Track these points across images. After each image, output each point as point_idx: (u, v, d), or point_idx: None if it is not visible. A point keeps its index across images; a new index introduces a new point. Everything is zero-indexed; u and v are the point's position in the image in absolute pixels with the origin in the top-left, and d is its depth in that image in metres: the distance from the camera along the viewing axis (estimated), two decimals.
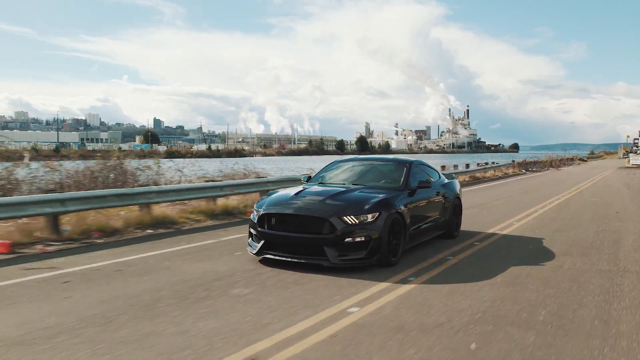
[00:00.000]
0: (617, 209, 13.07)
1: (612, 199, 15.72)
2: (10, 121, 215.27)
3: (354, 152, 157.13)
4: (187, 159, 19.30)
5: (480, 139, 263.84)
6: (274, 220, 6.48)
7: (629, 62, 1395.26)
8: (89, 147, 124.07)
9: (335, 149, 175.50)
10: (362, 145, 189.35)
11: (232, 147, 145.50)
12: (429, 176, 8.30)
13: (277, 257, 6.33)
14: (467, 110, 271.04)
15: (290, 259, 6.24)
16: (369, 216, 6.25)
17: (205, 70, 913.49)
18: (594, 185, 22.17)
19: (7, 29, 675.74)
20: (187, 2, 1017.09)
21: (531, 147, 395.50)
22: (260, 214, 6.61)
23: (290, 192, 7.08)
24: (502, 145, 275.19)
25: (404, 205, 6.87)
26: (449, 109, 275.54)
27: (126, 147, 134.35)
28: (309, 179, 8.17)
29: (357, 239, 6.13)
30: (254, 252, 6.57)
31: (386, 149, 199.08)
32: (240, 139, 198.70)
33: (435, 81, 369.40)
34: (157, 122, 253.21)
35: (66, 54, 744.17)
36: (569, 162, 51.34)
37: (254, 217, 6.77)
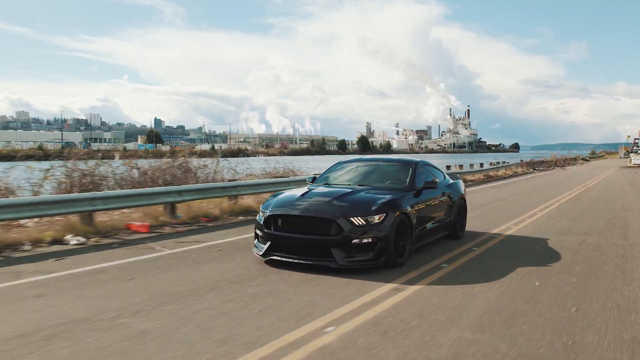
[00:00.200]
0: (622, 203, 15.09)
1: (617, 195, 17.74)
2: (11, 121, 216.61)
3: (355, 152, 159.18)
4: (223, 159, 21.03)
5: (480, 138, 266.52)
6: (280, 221, 6.54)
7: (629, 61, 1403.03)
8: (94, 147, 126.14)
9: (336, 148, 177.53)
10: (364, 145, 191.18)
11: (235, 147, 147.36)
12: (434, 177, 8.38)
13: (284, 259, 6.38)
14: (468, 110, 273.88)
15: (297, 261, 6.29)
16: (376, 217, 6.30)
17: (205, 70, 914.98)
18: (599, 183, 24.22)
19: (7, 29, 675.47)
20: (187, 2, 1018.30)
21: (531, 147, 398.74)
22: (266, 215, 6.66)
23: (296, 193, 7.17)
24: (502, 145, 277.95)
25: (410, 206, 6.93)
26: (450, 108, 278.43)
27: (131, 146, 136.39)
28: (314, 179, 8.27)
29: (364, 240, 6.18)
30: (260, 253, 6.65)
31: (387, 148, 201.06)
32: (241, 139, 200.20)
33: (435, 81, 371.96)
34: (157, 121, 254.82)
35: (66, 54, 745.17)
36: (572, 161, 53.67)
37: (259, 218, 6.84)
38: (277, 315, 4.64)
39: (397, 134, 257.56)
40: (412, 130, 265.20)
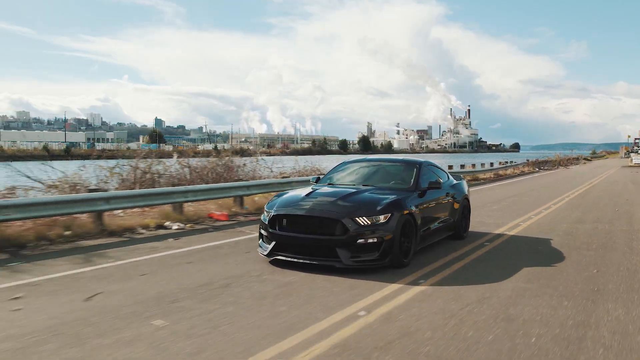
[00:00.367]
0: (626, 198, 16.83)
1: (620, 191, 19.48)
2: (12, 121, 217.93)
3: (356, 152, 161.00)
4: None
5: (481, 138, 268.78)
6: (285, 221, 6.61)
7: (629, 61, 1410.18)
8: (98, 147, 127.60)
9: (338, 148, 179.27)
10: (365, 145, 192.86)
11: (237, 146, 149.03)
12: (438, 177, 8.49)
13: (289, 259, 6.47)
14: (469, 110, 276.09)
15: (302, 261, 6.36)
16: (381, 217, 6.35)
17: (205, 70, 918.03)
18: (603, 181, 25.99)
19: (7, 29, 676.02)
20: (187, 2, 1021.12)
21: (531, 147, 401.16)
22: (271, 215, 6.72)
23: (300, 193, 7.22)
24: (502, 145, 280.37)
25: (415, 206, 7.01)
26: (450, 108, 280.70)
27: (134, 146, 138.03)
28: (318, 179, 8.37)
29: (370, 240, 6.24)
30: (265, 253, 6.73)
31: (388, 148, 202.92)
32: (243, 139, 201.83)
33: (436, 81, 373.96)
34: (158, 121, 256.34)
35: (66, 54, 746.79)
36: (575, 161, 55.57)
37: (264, 218, 6.91)
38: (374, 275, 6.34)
39: (398, 133, 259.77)
40: (412, 130, 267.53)
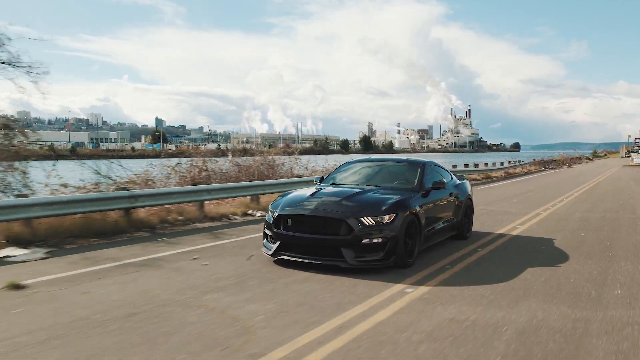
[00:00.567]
0: (629, 193, 18.88)
1: (623, 188, 21.54)
2: (13, 120, 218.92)
3: (358, 152, 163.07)
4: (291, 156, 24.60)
5: (481, 138, 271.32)
6: (290, 221, 6.65)
7: (630, 61, 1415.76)
8: (102, 146, 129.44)
9: (339, 148, 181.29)
10: (366, 144, 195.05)
11: (240, 146, 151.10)
12: (442, 177, 8.57)
13: (294, 259, 6.49)
14: (469, 109, 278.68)
15: (306, 260, 6.41)
16: (386, 217, 6.39)
17: (205, 69, 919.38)
18: (606, 179, 28.06)
19: (7, 28, 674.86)
20: (187, 2, 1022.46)
21: (532, 147, 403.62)
22: (275, 215, 6.77)
23: (305, 193, 7.27)
24: (503, 144, 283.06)
25: (419, 206, 7.06)
26: (451, 108, 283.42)
27: (139, 146, 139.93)
28: (321, 179, 8.41)
29: (374, 240, 6.28)
30: (270, 253, 6.78)
31: (389, 148, 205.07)
32: (244, 139, 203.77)
33: (436, 81, 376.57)
34: (159, 121, 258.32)
35: (66, 54, 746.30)
36: (578, 160, 57.82)
37: (269, 218, 6.95)
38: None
39: (399, 133, 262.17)
40: (413, 130, 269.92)
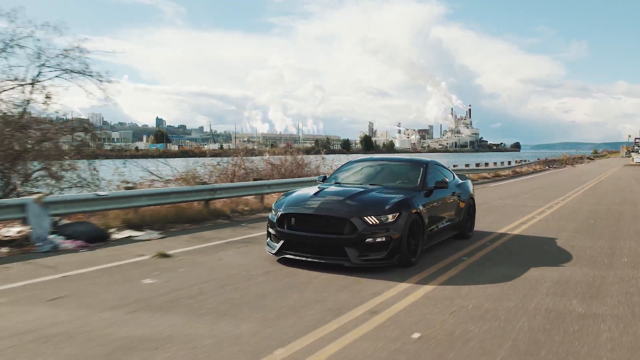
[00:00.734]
0: (630, 190, 20.65)
1: (625, 186, 23.32)
2: None
3: (359, 152, 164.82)
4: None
5: (482, 138, 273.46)
6: (293, 220, 6.72)
7: (630, 61, 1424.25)
8: (107, 147, 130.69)
9: (341, 148, 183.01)
10: (367, 144, 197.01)
11: (242, 146, 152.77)
12: (444, 176, 8.65)
13: (297, 257, 6.57)
14: (469, 109, 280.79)
15: (310, 259, 6.48)
16: (390, 216, 6.46)
17: (205, 69, 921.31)
18: (608, 178, 29.85)
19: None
20: (187, 2, 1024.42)
21: (532, 146, 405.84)
22: (279, 214, 6.83)
23: (308, 192, 7.31)
24: (503, 144, 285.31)
25: (422, 205, 7.13)
26: (451, 108, 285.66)
27: (142, 145, 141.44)
28: (324, 179, 8.49)
29: (378, 239, 6.35)
30: (273, 252, 6.84)
31: (390, 148, 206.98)
32: (245, 139, 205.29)
33: (436, 80, 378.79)
34: (159, 121, 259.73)
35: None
36: (580, 160, 59.76)
37: (272, 217, 7.01)
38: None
39: (399, 132, 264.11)
40: (414, 129, 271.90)
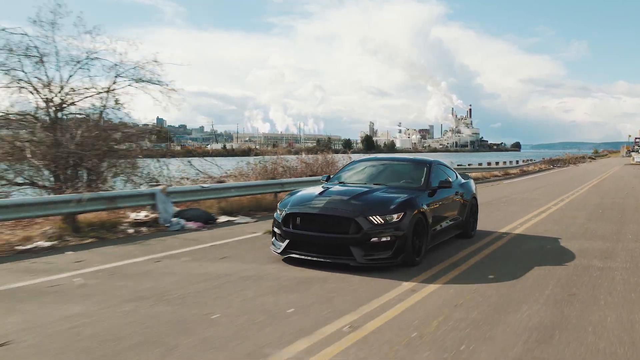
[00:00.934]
0: (632, 187, 22.64)
1: (626, 183, 25.29)
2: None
3: (360, 151, 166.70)
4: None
5: (482, 137, 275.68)
6: (298, 219, 6.79)
7: (630, 60, 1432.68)
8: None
9: (342, 147, 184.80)
10: (368, 144, 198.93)
11: (244, 146, 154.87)
12: (448, 176, 8.73)
13: (303, 257, 6.67)
14: (470, 109, 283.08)
15: (316, 259, 6.55)
16: (395, 216, 6.52)
17: (205, 69, 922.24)
18: (610, 176, 31.83)
19: (7, 28, 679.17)
20: (187, 2, 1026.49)
21: (532, 146, 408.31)
22: (284, 213, 6.90)
23: (313, 191, 7.41)
24: (504, 144, 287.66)
25: (426, 204, 7.19)
26: (452, 108, 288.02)
27: (146, 145, 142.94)
28: (328, 178, 8.57)
29: (383, 239, 6.42)
30: (279, 251, 6.92)
31: (391, 148, 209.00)
32: (247, 138, 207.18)
33: (437, 80, 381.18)
34: (159, 121, 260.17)
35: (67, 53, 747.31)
36: (582, 160, 62.00)
37: (277, 216, 7.09)
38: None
39: (400, 132, 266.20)
40: (414, 129, 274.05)
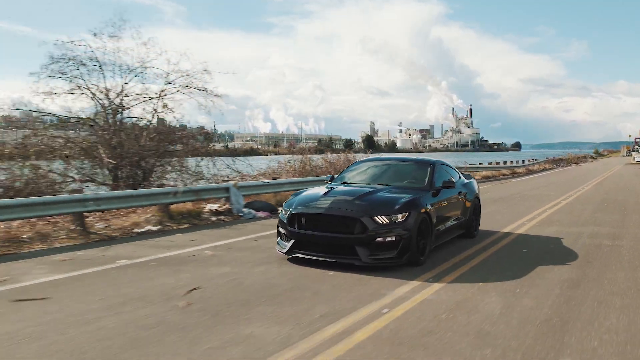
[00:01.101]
0: (633, 184, 24.58)
1: (627, 182, 27.25)
2: (15, 120, 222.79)
3: (362, 151, 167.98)
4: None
5: (483, 137, 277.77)
6: (304, 219, 6.87)
7: (630, 60, 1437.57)
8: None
9: (343, 147, 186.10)
10: (369, 144, 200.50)
11: (247, 146, 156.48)
12: (451, 176, 8.80)
13: (308, 256, 6.74)
14: (470, 109, 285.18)
15: (321, 258, 6.65)
16: (399, 216, 6.61)
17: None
18: (612, 175, 33.82)
19: (8, 28, 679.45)
20: (187, 1, 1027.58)
21: (532, 146, 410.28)
22: (290, 213, 6.98)
23: (318, 192, 7.48)
24: (504, 144, 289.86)
25: (430, 204, 7.26)
26: (452, 107, 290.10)
27: None
28: (332, 178, 8.66)
29: (388, 239, 6.52)
30: (284, 251, 6.99)
31: (392, 147, 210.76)
32: (248, 138, 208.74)
33: (437, 80, 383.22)
34: (160, 121, 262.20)
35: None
36: (583, 159, 64.08)
37: (282, 216, 7.15)
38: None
39: (401, 132, 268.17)
40: (415, 129, 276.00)
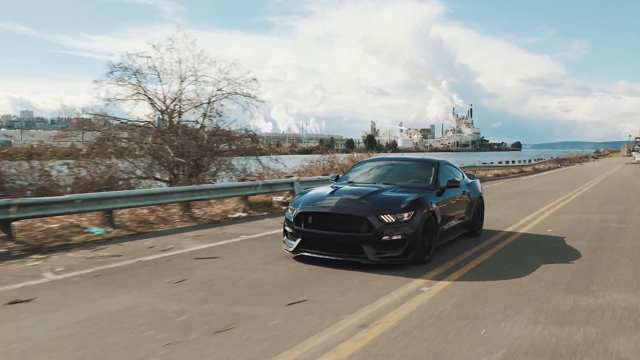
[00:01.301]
0: (634, 182, 26.68)
1: (628, 181, 29.18)
2: (15, 120, 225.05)
3: (362, 151, 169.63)
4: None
5: (483, 137, 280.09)
6: (310, 218, 7.04)
7: (630, 60, 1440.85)
8: None
9: (345, 147, 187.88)
10: (370, 144, 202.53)
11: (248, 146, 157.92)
12: (455, 176, 8.90)
13: (315, 255, 6.90)
14: (471, 109, 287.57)
15: (328, 257, 6.81)
16: (405, 215, 6.77)
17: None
18: (614, 174, 35.89)
19: (8, 28, 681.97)
20: (187, 1, 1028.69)
21: (532, 146, 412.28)
22: (296, 212, 7.15)
23: (324, 191, 7.62)
24: (504, 143, 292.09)
25: (435, 203, 7.44)
26: (453, 107, 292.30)
27: None
28: (337, 178, 8.74)
29: (394, 237, 6.67)
30: (291, 249, 7.17)
31: (393, 147, 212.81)
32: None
33: (437, 80, 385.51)
34: (160, 120, 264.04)
35: (67, 53, 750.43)
36: (585, 159, 66.42)
37: (289, 215, 7.33)
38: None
39: (401, 132, 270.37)
40: (416, 129, 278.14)
